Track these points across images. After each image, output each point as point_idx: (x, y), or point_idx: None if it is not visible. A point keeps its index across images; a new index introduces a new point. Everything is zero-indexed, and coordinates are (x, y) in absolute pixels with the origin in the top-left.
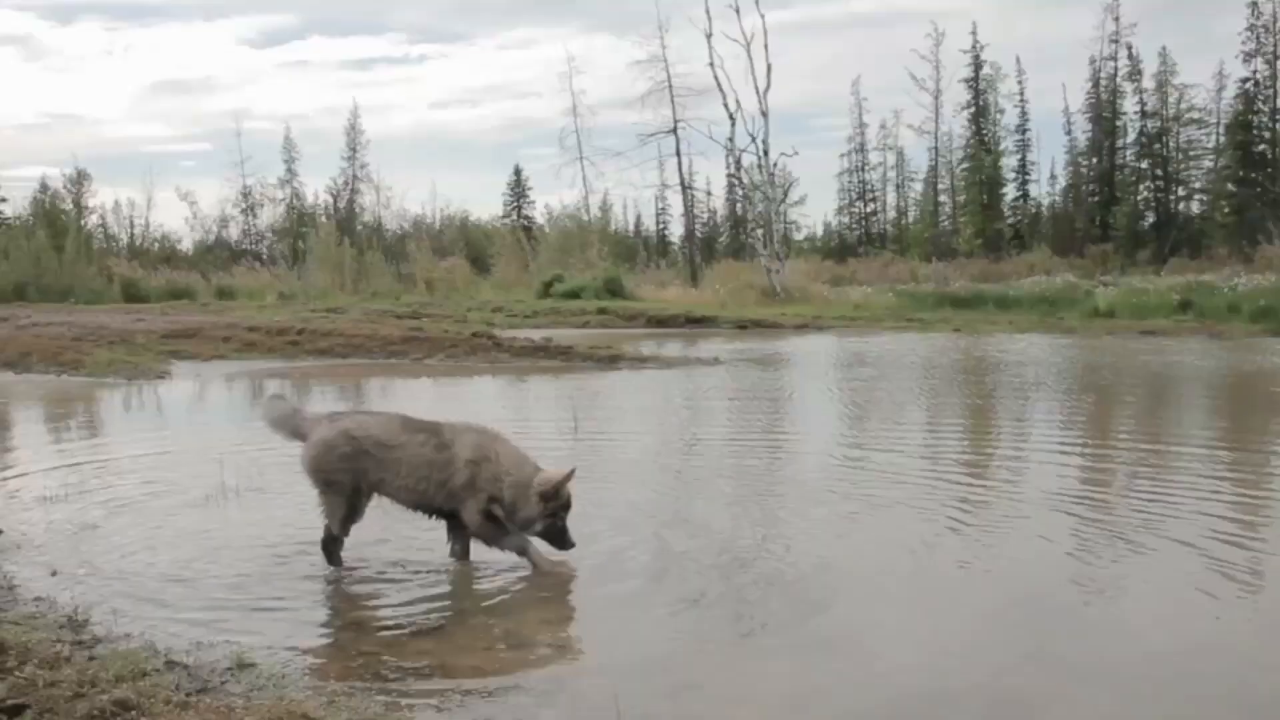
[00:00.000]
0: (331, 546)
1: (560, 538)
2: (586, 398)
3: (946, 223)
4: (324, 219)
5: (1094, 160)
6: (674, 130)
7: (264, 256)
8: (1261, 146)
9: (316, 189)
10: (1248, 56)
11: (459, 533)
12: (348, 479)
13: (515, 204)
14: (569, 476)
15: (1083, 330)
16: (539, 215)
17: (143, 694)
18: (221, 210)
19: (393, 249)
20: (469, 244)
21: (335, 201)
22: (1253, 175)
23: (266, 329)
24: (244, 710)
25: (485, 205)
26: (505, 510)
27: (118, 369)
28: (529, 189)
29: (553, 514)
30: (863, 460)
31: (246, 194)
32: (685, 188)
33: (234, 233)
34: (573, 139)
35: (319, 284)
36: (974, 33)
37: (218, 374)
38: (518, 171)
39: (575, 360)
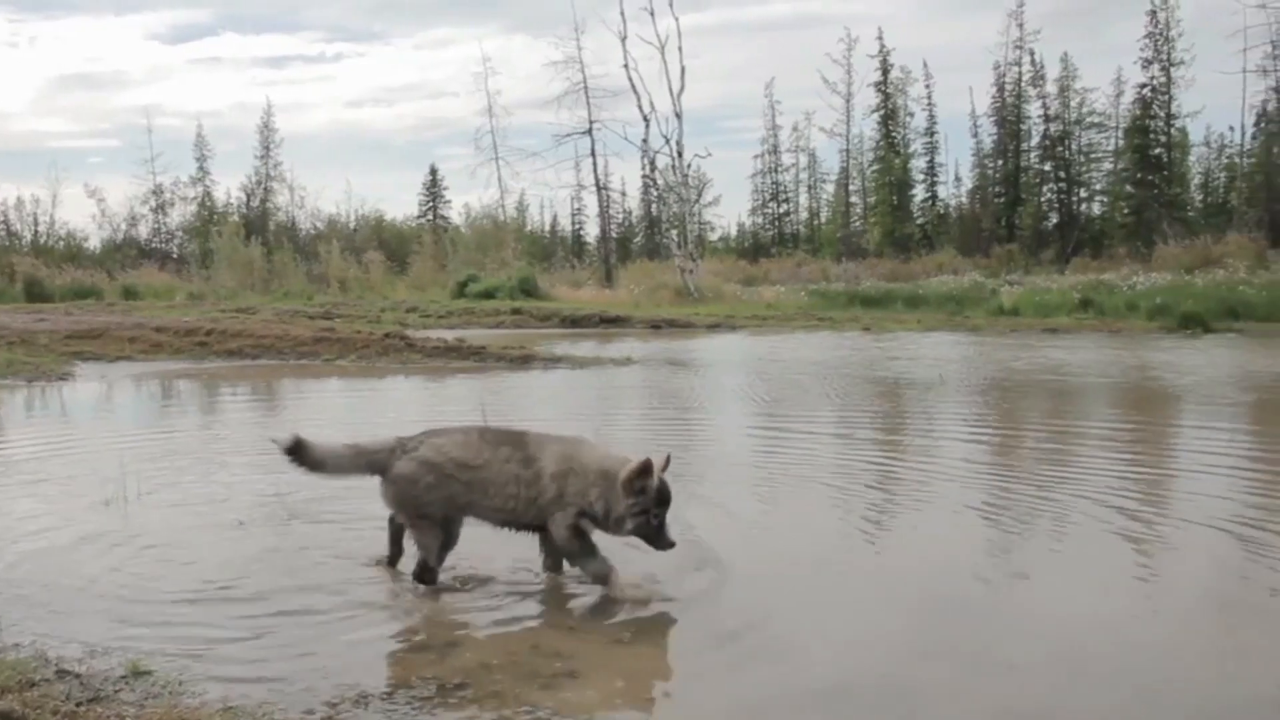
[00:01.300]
0: (428, 577)
1: (655, 538)
2: (496, 398)
3: (857, 223)
4: (236, 218)
5: (999, 162)
6: (589, 131)
7: (174, 256)
8: (1158, 150)
9: (229, 187)
10: (1145, 63)
11: (551, 545)
12: (439, 509)
13: (431, 204)
14: (646, 468)
15: (987, 328)
16: (455, 215)
17: (29, 704)
18: (130, 208)
19: (306, 248)
20: (384, 244)
21: (248, 200)
22: (1150, 178)
23: (174, 329)
24: (135, 719)
25: (401, 205)
26: (601, 520)
27: (17, 370)
28: (445, 189)
29: (643, 511)
30: (770, 458)
31: (157, 192)
32: (600, 188)
33: (143, 231)
34: (488, 139)
35: (229, 284)
36: (881, 37)
37: (123, 375)
38: (434, 171)
39: (488, 360)
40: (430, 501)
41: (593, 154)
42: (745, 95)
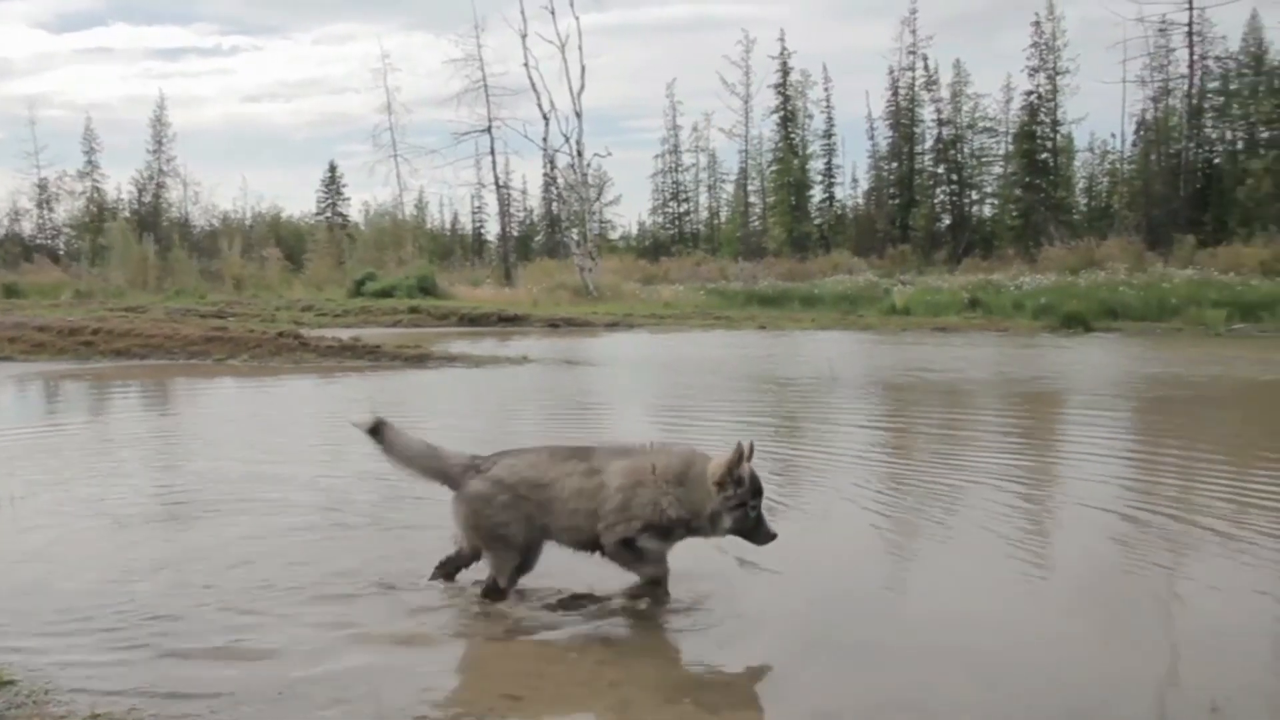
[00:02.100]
0: (496, 596)
1: (755, 531)
2: (390, 397)
3: (756, 223)
4: (127, 214)
5: (894, 165)
6: (489, 129)
7: (60, 252)
8: (1045, 155)
9: (120, 182)
10: (1032, 71)
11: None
12: (519, 530)
13: (330, 201)
14: (739, 456)
15: (880, 327)
16: (355, 213)
17: None
18: (13, 203)
19: (201, 246)
20: (282, 241)
21: (140, 195)
22: (1037, 182)
23: (58, 329)
24: None
25: (299, 202)
26: (687, 524)
27: None
28: (344, 186)
29: (740, 504)
30: None
31: (42, 186)
32: (500, 187)
33: (27, 227)
34: (387, 136)
35: (120, 282)
36: (782, 39)
37: (1, 376)
38: (333, 168)
39: (383, 359)
40: (506, 522)
41: (492, 152)
42: (646, 95)
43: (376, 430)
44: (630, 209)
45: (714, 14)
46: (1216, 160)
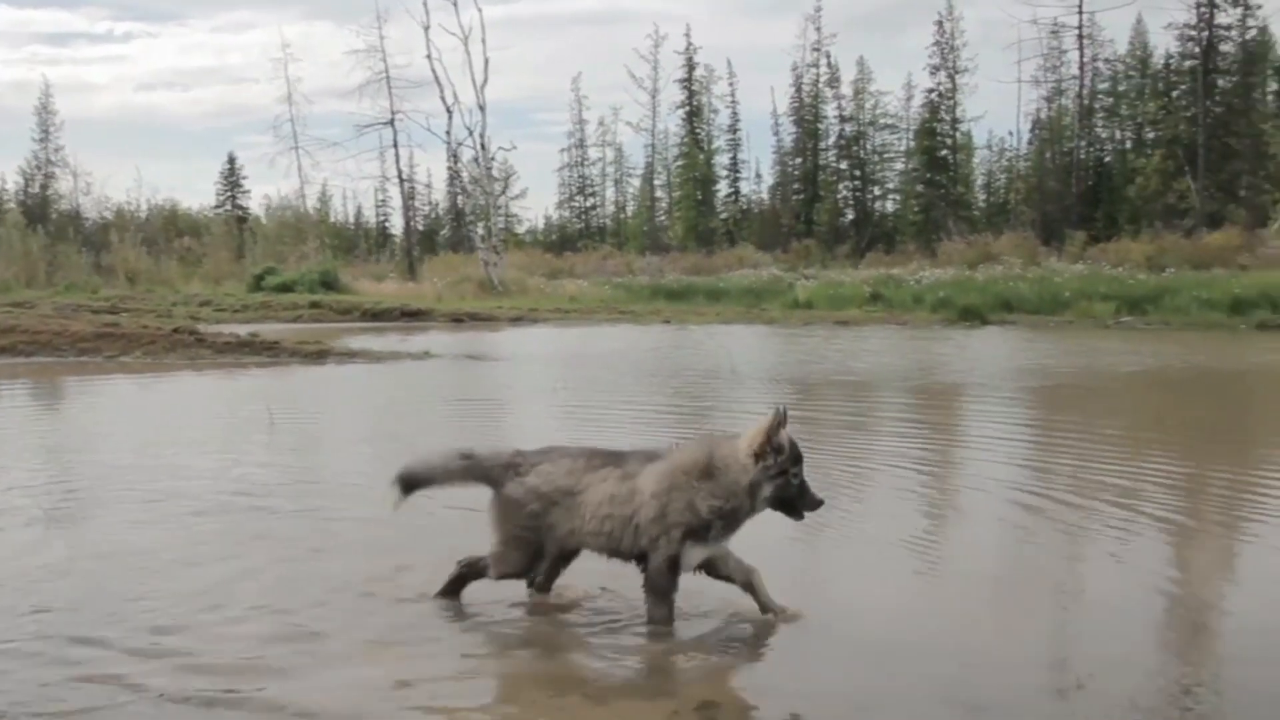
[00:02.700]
0: (470, 580)
1: (800, 499)
2: (287, 394)
3: (662, 218)
4: (14, 205)
5: (798, 160)
6: (391, 122)
7: None
8: (944, 152)
9: (4, 172)
10: (933, 70)
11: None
12: (532, 536)
13: (229, 193)
14: (778, 422)
15: (783, 321)
16: (255, 206)
17: None
18: None
19: (93, 239)
20: (179, 235)
21: (26, 186)
22: (937, 178)
23: None
24: None
25: (197, 194)
26: (729, 510)
27: None
28: (244, 178)
29: (781, 472)
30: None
31: None
32: (403, 180)
33: None
34: (288, 127)
35: (4, 276)
36: (688, 35)
37: None
38: (232, 160)
39: (282, 355)
40: (527, 528)
41: (395, 145)
42: (553, 88)
43: (407, 486)
44: (537, 202)
45: (621, 8)
46: (1107, 159)
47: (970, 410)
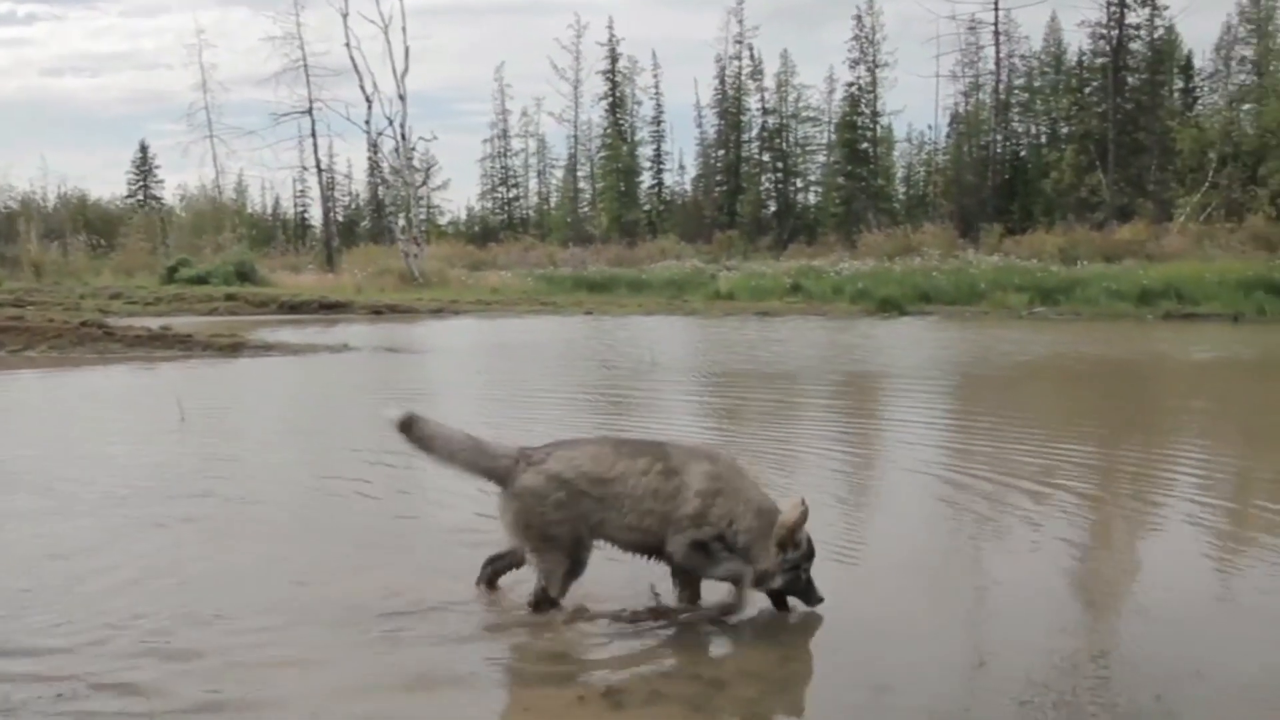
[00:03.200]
0: (547, 608)
1: (806, 594)
2: (198, 389)
3: (586, 209)
4: None
5: (721, 152)
6: (310, 111)
7: None
8: (865, 145)
9: None
10: (853, 63)
11: (686, 577)
12: (567, 530)
13: (142, 183)
14: (803, 517)
15: (705, 312)
16: (170, 196)
17: None
18: None
19: None
20: (88, 225)
21: None
22: (858, 171)
23: None
24: None
25: (108, 184)
26: (744, 550)
27: None
28: (157, 167)
29: (795, 566)
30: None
31: None
32: (321, 170)
33: None
34: (202, 115)
35: None
36: (611, 26)
37: None
38: (144, 148)
39: (194, 349)
40: (558, 521)
41: (314, 134)
42: (476, 78)
43: (408, 425)
44: (459, 194)
45: None
46: (1022, 153)
47: (885, 398)
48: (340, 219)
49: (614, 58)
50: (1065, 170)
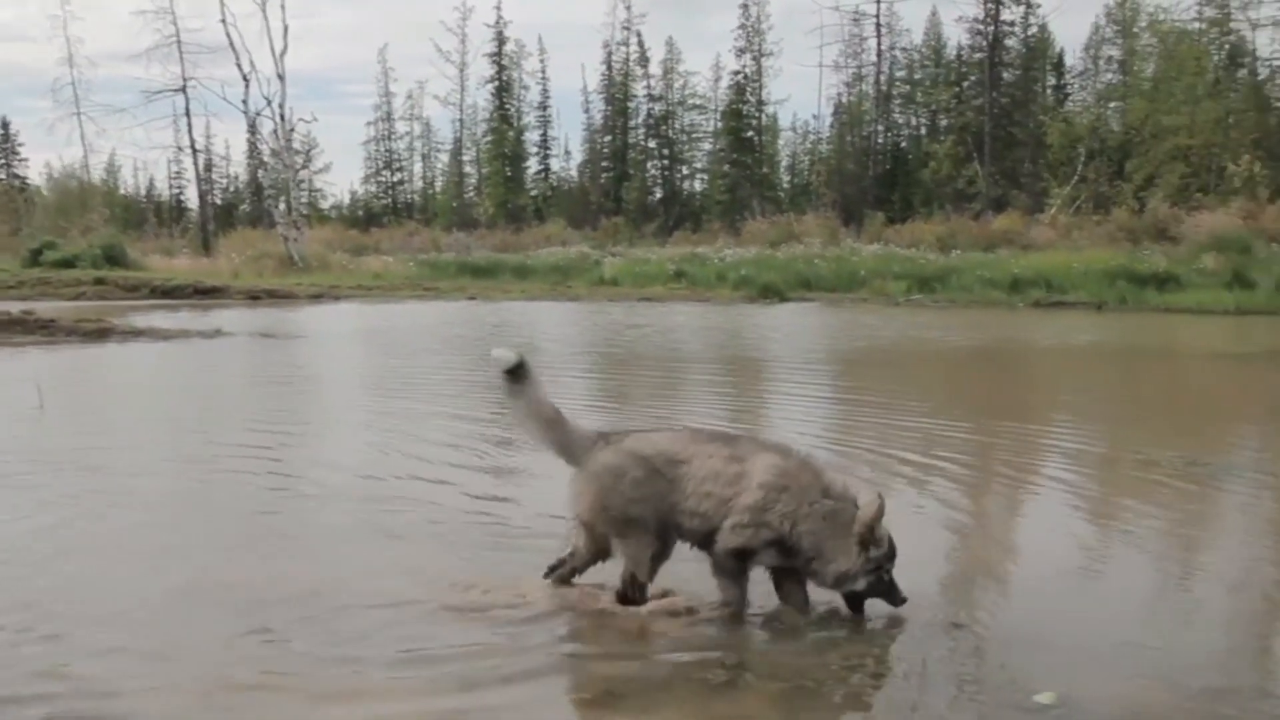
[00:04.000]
0: (636, 594)
1: (891, 594)
2: (60, 373)
3: (471, 194)
4: None
5: (608, 138)
6: (183, 89)
7: None
8: (750, 133)
9: None
10: (739, 52)
11: (786, 590)
12: (649, 510)
13: (3, 161)
14: (880, 511)
15: (588, 297)
16: (35, 175)
17: None
18: None
19: None
20: None
21: None
22: (743, 159)
23: None
24: None
25: None
26: (805, 565)
27: None
28: (20, 145)
29: (878, 567)
30: (378, 425)
31: None
32: (196, 151)
33: None
34: (68, 91)
35: None
36: (499, 9)
37: None
38: (4, 124)
39: (58, 334)
40: (639, 500)
41: (188, 114)
42: (360, 59)
43: (516, 371)
44: (342, 177)
45: None
46: (903, 144)
47: (763, 379)
48: (218, 202)
49: (501, 41)
50: (943, 161)
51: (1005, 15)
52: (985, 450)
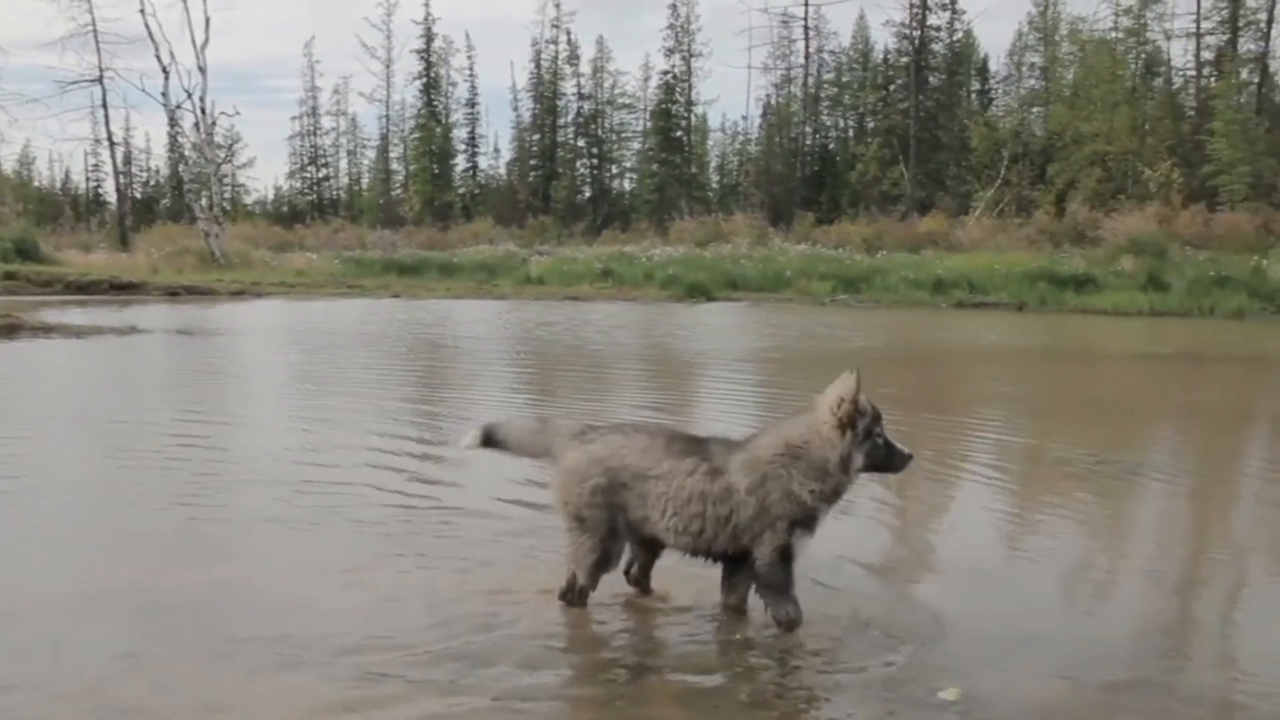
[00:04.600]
0: (573, 599)
1: (890, 457)
2: None
3: (398, 191)
4: None
5: (537, 137)
6: (100, 80)
7: None
8: (679, 133)
9: None
10: (668, 52)
11: (736, 580)
12: (601, 516)
13: None
14: (858, 384)
15: (514, 296)
16: None
17: None
18: None
19: None
20: None
21: None
22: (672, 158)
23: None
24: None
25: None
26: (828, 489)
27: None
28: None
29: (868, 435)
30: (302, 422)
31: None
32: (114, 143)
33: None
34: None
35: None
36: (427, 5)
37: None
38: None
39: None
40: (592, 505)
41: (105, 105)
42: (287, 53)
43: (488, 439)
44: (267, 172)
45: None
46: (831, 145)
47: (683, 376)
48: (138, 196)
49: (429, 37)
50: (870, 163)
51: (931, 20)
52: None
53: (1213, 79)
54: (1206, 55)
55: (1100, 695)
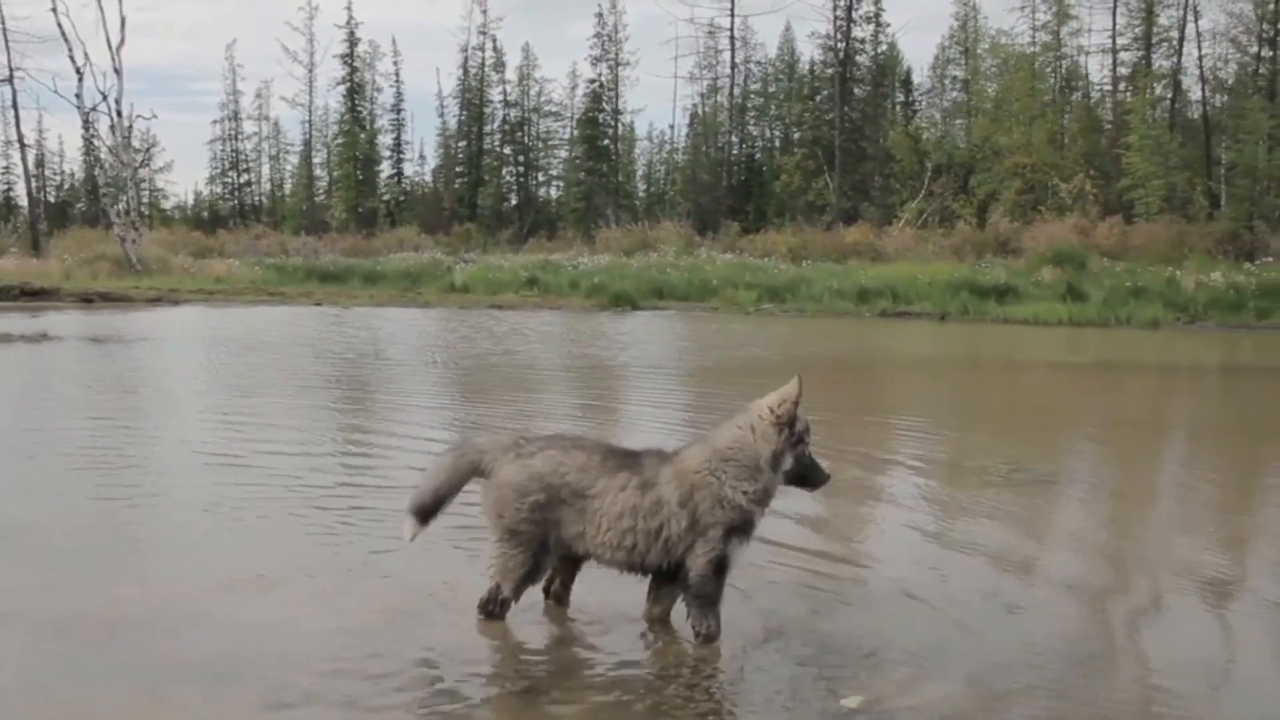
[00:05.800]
0: (494, 610)
1: (813, 472)
2: None
3: (321, 197)
4: None
5: (463, 143)
6: (10, 79)
7: None
8: (606, 141)
9: None
10: (595, 60)
11: (663, 592)
12: (535, 531)
13: None
14: (797, 389)
15: (439, 304)
16: None
17: None
18: None
19: None
20: None
21: None
22: (599, 166)
23: None
24: None
25: None
26: (755, 489)
27: None
28: None
29: (799, 440)
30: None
31: None
32: (25, 145)
33: None
34: None
35: None
36: (350, 9)
37: None
38: None
39: None
40: (528, 521)
41: (15, 106)
42: (208, 56)
43: (426, 513)
44: (187, 177)
45: None
46: (757, 155)
47: (606, 385)
48: (51, 200)
49: (353, 42)
50: (795, 174)
51: (856, 33)
52: (838, 456)
53: (1128, 94)
54: (1122, 70)
55: (1000, 701)
